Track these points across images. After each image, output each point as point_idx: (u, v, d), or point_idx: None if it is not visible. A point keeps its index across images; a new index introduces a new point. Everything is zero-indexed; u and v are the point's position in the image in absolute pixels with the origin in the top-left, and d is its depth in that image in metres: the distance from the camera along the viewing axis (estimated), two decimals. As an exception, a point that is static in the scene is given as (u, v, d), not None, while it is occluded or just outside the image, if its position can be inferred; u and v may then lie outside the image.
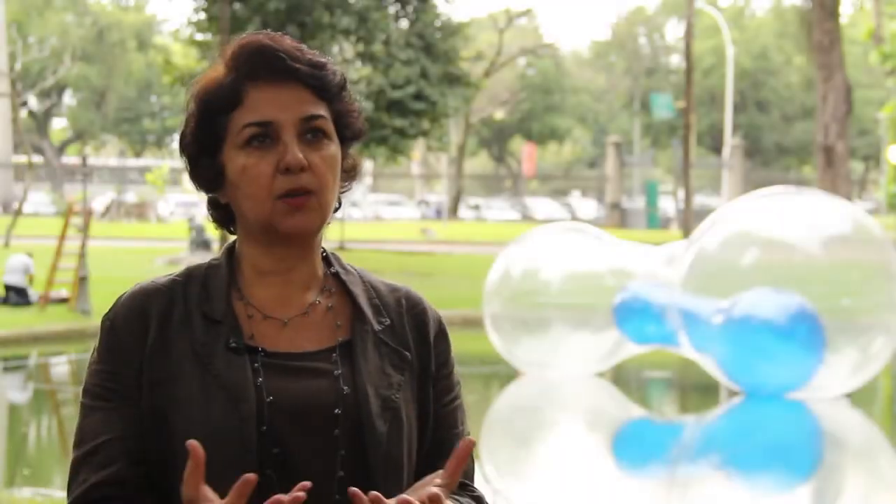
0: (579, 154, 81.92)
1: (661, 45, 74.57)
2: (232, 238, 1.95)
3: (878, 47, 31.03)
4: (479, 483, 2.00)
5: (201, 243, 27.42)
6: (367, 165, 50.86)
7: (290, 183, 1.82)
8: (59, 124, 76.48)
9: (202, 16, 28.72)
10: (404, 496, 1.69)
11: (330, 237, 10.22)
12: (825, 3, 26.25)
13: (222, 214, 1.93)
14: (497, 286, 13.03)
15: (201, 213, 50.31)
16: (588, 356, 12.90)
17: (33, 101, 66.86)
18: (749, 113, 66.07)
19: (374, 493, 1.69)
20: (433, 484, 1.74)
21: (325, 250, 1.95)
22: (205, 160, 1.88)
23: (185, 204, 57.88)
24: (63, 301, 18.82)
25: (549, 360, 12.93)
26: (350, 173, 1.94)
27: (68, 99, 71.17)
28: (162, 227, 45.95)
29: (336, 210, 1.90)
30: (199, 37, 29.12)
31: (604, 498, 9.21)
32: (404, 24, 31.38)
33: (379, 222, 54.82)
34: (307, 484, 1.66)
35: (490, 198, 72.10)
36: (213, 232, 27.51)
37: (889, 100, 37.24)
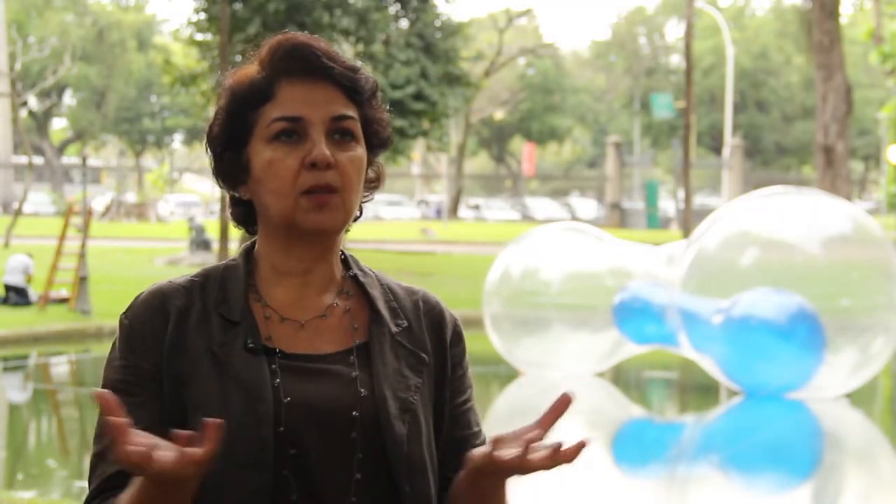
0: (579, 154, 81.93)
1: (661, 45, 74.56)
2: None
3: (878, 47, 31.01)
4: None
5: (201, 243, 27.42)
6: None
7: (315, 179, 1.81)
8: (59, 124, 76.49)
9: (202, 16, 28.69)
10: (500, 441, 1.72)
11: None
12: (825, 3, 26.24)
13: (243, 213, 1.92)
14: (497, 286, 13.03)
15: (201, 214, 50.32)
16: (588, 356, 12.90)
17: (33, 101, 66.84)
18: (749, 113, 66.07)
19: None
20: (529, 436, 1.75)
21: (343, 252, 1.95)
22: (229, 154, 1.87)
23: (185, 204, 57.92)
24: (63, 301, 18.82)
25: (549, 360, 12.92)
26: (373, 183, 1.93)
27: (68, 99, 71.16)
28: (162, 227, 45.95)
29: (357, 218, 1.90)
30: (199, 37, 29.09)
31: (604, 498, 9.21)
32: (404, 24, 31.39)
33: (379, 222, 54.81)
34: None
35: (490, 198, 72.13)
36: (213, 232, 27.51)
37: (889, 100, 37.23)
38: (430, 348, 1.91)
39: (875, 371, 11.36)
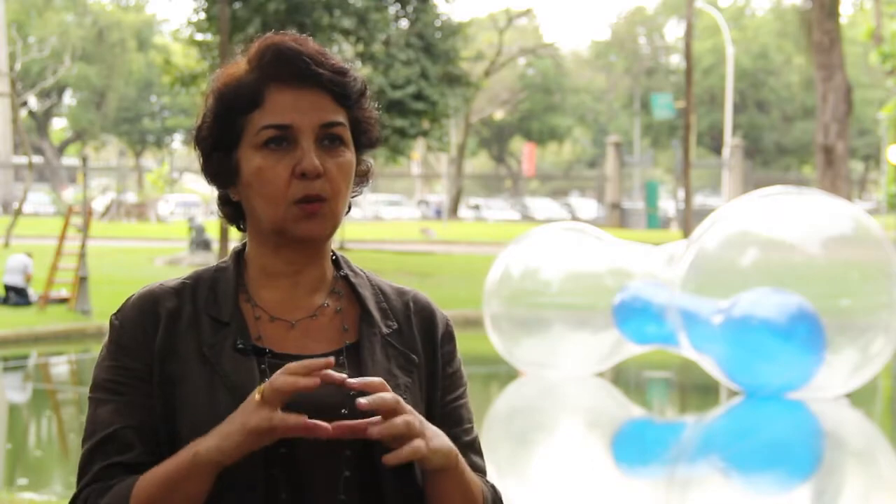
0: (579, 154, 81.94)
1: (661, 45, 74.55)
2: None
3: (878, 47, 31.02)
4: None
5: (201, 243, 27.41)
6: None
7: (305, 189, 1.82)
8: (59, 124, 76.48)
9: (202, 16, 28.72)
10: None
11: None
12: (825, 3, 26.24)
13: (233, 211, 1.93)
14: (497, 286, 13.03)
15: (201, 214, 50.32)
16: (588, 356, 12.90)
17: (33, 101, 66.81)
18: (749, 113, 66.05)
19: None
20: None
21: (334, 253, 1.96)
22: (218, 156, 1.89)
23: (185, 204, 57.90)
24: (63, 301, 18.82)
25: (549, 360, 12.93)
26: (363, 178, 1.95)
27: (68, 99, 71.15)
28: (162, 227, 45.95)
29: (346, 212, 1.91)
30: (199, 37, 29.11)
31: (604, 498, 9.21)
32: (404, 24, 31.39)
33: (379, 222, 54.83)
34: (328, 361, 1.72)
35: (490, 198, 72.14)
36: (213, 232, 27.51)
37: (889, 100, 37.24)
38: (420, 348, 1.92)
39: (875, 371, 11.36)
